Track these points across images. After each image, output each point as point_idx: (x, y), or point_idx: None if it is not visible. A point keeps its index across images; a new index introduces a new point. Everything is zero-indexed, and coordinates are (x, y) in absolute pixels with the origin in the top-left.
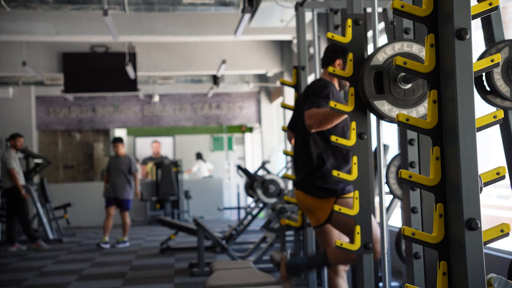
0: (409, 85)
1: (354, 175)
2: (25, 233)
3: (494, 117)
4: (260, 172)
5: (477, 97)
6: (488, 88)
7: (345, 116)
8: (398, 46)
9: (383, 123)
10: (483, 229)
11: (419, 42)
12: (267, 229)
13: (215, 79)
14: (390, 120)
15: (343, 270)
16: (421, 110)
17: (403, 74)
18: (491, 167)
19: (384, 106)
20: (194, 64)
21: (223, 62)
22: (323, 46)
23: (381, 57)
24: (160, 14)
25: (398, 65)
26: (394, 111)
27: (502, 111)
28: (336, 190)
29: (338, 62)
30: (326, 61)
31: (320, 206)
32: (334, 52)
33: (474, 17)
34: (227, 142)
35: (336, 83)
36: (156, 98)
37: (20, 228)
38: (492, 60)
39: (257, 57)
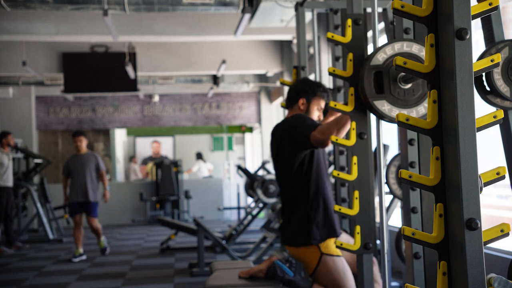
0: (409, 85)
1: (354, 175)
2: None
3: (494, 117)
4: (260, 172)
5: (477, 97)
6: (488, 88)
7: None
8: (398, 46)
9: (383, 123)
10: (483, 229)
11: (419, 42)
12: (267, 229)
13: (215, 79)
14: (390, 120)
15: (377, 274)
16: (421, 110)
17: (403, 74)
18: (491, 167)
19: (384, 106)
20: (194, 64)
21: (223, 62)
22: (323, 46)
23: (381, 57)
24: (160, 14)
25: (398, 65)
26: (394, 111)
27: (502, 111)
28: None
29: (302, 101)
30: (290, 101)
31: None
32: (297, 92)
33: (474, 17)
34: (227, 142)
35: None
36: (156, 98)
37: (18, 228)
38: (492, 60)
39: (257, 57)
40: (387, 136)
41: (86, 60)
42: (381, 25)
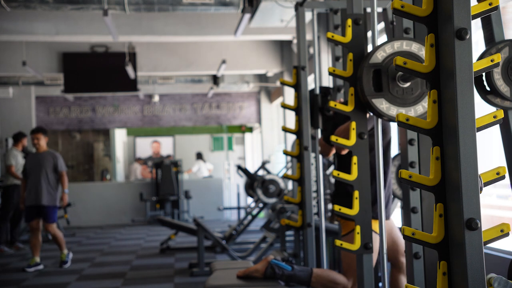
0: (407, 84)
1: (354, 175)
2: None
3: (494, 117)
4: (260, 172)
5: (477, 97)
6: (488, 88)
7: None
8: (397, 45)
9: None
10: (483, 229)
11: (419, 41)
12: (267, 229)
13: (215, 79)
14: (389, 118)
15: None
16: (419, 109)
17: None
18: (491, 167)
19: (382, 104)
20: (194, 64)
21: (223, 62)
22: (323, 46)
23: (380, 56)
24: (160, 14)
25: (398, 65)
26: (392, 110)
27: (502, 111)
28: None
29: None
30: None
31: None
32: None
33: (474, 17)
34: (227, 142)
35: None
36: (156, 98)
37: (17, 229)
38: (492, 60)
39: (257, 57)
40: None
41: (86, 60)
42: (381, 25)
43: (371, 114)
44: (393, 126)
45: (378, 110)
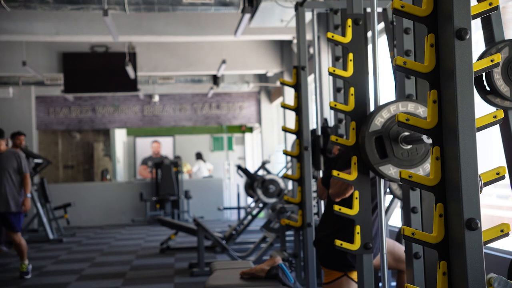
0: (410, 146)
1: (354, 175)
2: None
3: (494, 117)
4: (260, 172)
5: (477, 97)
6: (488, 88)
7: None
8: (393, 108)
9: None
10: (483, 229)
11: (414, 101)
12: (267, 229)
13: (215, 79)
14: (398, 181)
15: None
16: (427, 167)
17: (404, 134)
18: (491, 167)
19: (390, 170)
20: (194, 64)
21: (223, 62)
22: (323, 46)
23: (378, 122)
24: (160, 14)
25: (398, 65)
26: None
27: (502, 111)
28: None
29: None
30: None
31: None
32: None
33: (474, 17)
34: (227, 142)
35: None
36: (156, 98)
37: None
38: (492, 60)
39: (257, 57)
40: None
41: (86, 60)
42: (381, 25)
43: None
44: None
45: (387, 176)
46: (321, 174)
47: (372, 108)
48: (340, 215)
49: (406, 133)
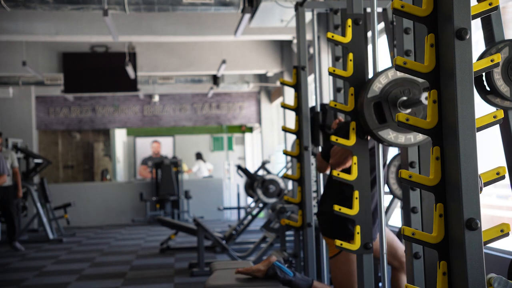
0: (409, 110)
1: (354, 175)
2: None
3: (494, 117)
4: (260, 172)
5: (477, 97)
6: (488, 88)
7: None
8: (391, 73)
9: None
10: (483, 229)
11: None
12: (267, 229)
13: (215, 79)
14: (397, 146)
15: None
16: None
17: (402, 99)
18: (491, 167)
19: (389, 134)
20: (194, 64)
21: (223, 62)
22: (323, 46)
23: (377, 88)
24: (160, 14)
25: (398, 65)
26: (400, 138)
27: (502, 111)
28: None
29: None
30: None
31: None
32: None
33: (474, 17)
34: (227, 142)
35: None
36: (156, 98)
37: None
38: (492, 60)
39: (257, 57)
40: None
41: (86, 60)
42: (381, 25)
43: None
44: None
45: (387, 140)
46: (319, 150)
47: (371, 75)
48: (341, 188)
49: (405, 98)
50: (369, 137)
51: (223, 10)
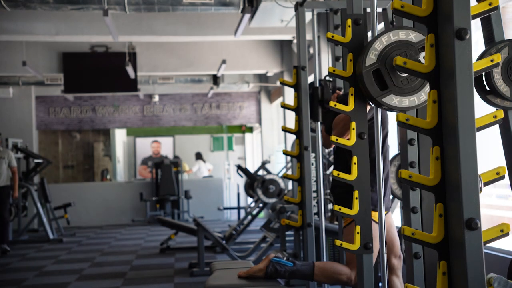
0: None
1: (354, 175)
2: None
3: (494, 117)
4: (260, 172)
5: (477, 97)
6: (488, 88)
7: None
8: (385, 38)
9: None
10: (483, 229)
11: (404, 28)
12: (267, 229)
13: (215, 79)
14: (400, 110)
15: (398, 269)
16: (422, 97)
17: None
18: (491, 167)
19: (393, 100)
20: (194, 64)
21: (223, 62)
22: (323, 46)
23: (373, 55)
24: (160, 14)
25: (398, 65)
26: (404, 101)
27: (502, 111)
28: None
29: None
30: None
31: None
32: None
33: (474, 17)
34: (227, 142)
35: None
36: (156, 98)
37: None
38: (492, 60)
39: (257, 57)
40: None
41: (86, 60)
42: (381, 25)
43: (371, 105)
44: (393, 127)
45: (391, 106)
46: (319, 126)
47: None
48: (345, 157)
49: None
50: (368, 108)
51: (223, 10)
